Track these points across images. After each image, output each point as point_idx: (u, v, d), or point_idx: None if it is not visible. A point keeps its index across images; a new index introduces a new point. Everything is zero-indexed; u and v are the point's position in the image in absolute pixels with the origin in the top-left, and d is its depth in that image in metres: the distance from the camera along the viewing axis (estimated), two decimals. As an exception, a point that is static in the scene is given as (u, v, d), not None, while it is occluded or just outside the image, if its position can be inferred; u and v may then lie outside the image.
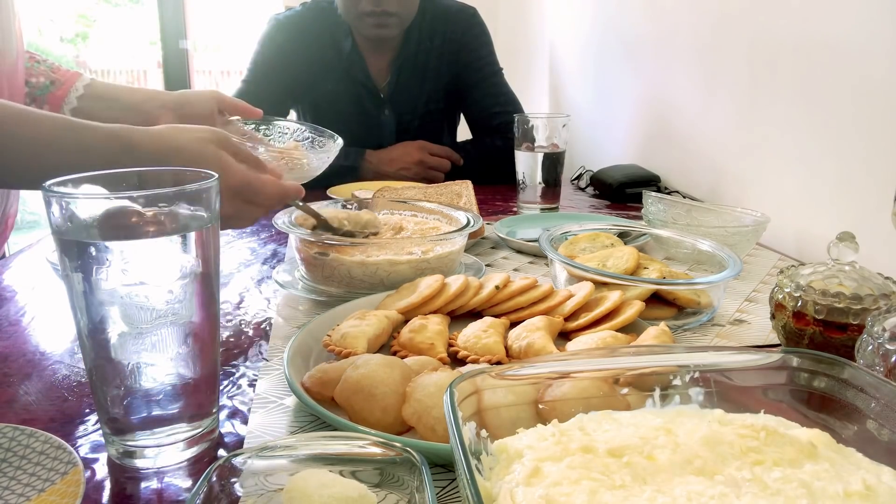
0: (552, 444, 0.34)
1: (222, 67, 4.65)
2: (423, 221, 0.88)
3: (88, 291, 0.41)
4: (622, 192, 1.33)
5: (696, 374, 0.41)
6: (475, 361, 0.56)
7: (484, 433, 0.36)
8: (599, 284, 0.68)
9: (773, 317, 0.60)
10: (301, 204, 0.77)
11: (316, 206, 0.87)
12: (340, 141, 1.05)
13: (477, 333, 0.59)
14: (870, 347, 0.45)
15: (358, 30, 1.47)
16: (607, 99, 1.76)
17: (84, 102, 0.97)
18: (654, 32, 1.48)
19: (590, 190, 1.45)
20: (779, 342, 0.61)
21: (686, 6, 1.33)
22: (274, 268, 0.85)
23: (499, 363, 0.56)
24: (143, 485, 0.43)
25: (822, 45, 0.93)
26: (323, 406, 0.47)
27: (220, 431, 0.49)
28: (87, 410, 0.53)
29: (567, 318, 0.64)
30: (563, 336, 0.63)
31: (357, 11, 1.41)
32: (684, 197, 1.25)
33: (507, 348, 0.59)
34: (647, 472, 0.33)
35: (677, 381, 0.41)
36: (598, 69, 1.83)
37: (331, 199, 1.05)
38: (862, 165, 0.87)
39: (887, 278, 0.56)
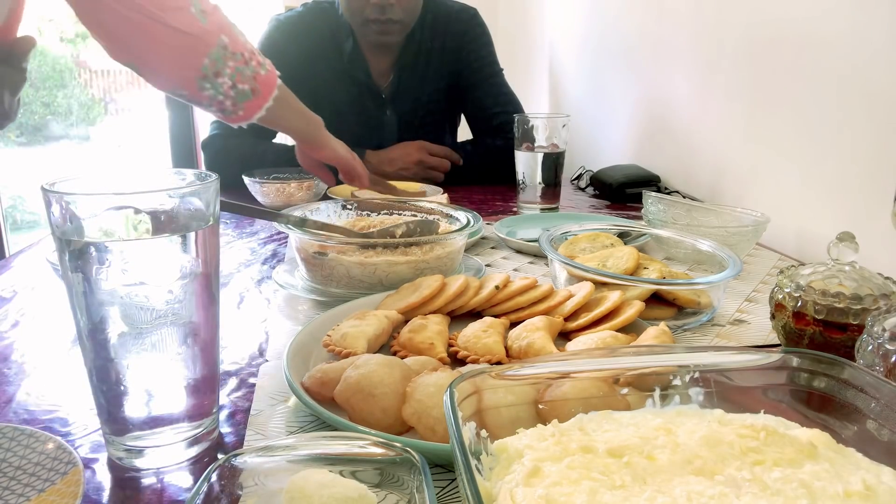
0: (552, 444, 0.34)
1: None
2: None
3: (88, 291, 0.41)
4: (622, 192, 1.33)
5: (696, 374, 0.41)
6: (475, 361, 0.56)
7: (484, 433, 0.36)
8: (599, 284, 0.68)
9: (773, 317, 0.60)
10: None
11: (315, 207, 0.87)
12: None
13: (477, 333, 0.59)
14: (870, 347, 0.45)
15: (362, 35, 1.47)
16: (607, 99, 1.76)
17: (269, 113, 0.99)
18: (653, 32, 1.48)
19: (590, 190, 1.45)
20: (779, 342, 0.61)
21: (685, 6, 1.33)
22: (274, 268, 0.85)
23: (499, 363, 0.56)
24: (143, 485, 0.43)
25: (821, 45, 0.93)
26: (323, 406, 0.47)
27: (220, 431, 0.49)
28: (87, 410, 0.53)
29: (567, 318, 0.64)
30: (563, 336, 0.63)
31: (362, 18, 1.41)
32: (684, 197, 1.25)
33: (507, 348, 0.59)
34: (647, 472, 0.33)
35: (677, 381, 0.41)
36: (597, 69, 1.83)
37: (330, 198, 1.05)
38: (862, 165, 0.87)
39: (887, 278, 0.56)
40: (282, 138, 1.59)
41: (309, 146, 1.12)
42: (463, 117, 1.70)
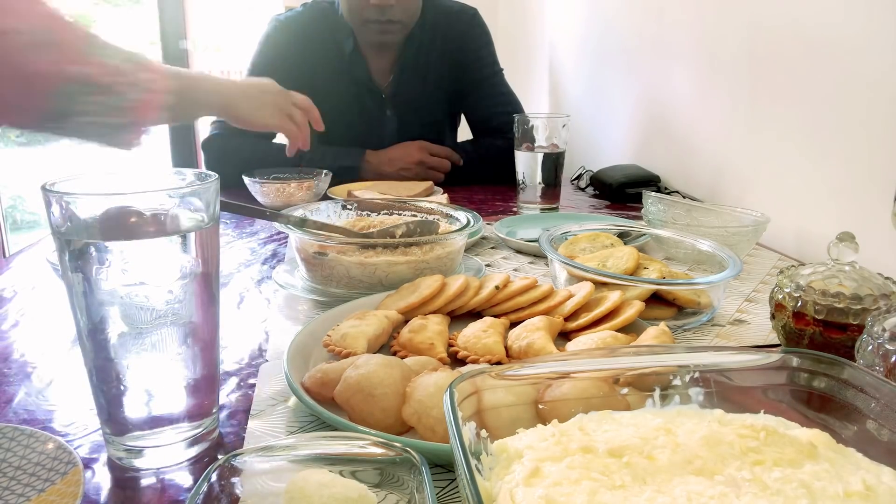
0: (552, 445, 0.34)
1: (222, 68, 4.64)
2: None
3: (88, 291, 0.41)
4: (622, 192, 1.33)
5: (696, 374, 0.41)
6: (475, 361, 0.56)
7: (484, 433, 0.36)
8: (599, 284, 0.68)
9: (773, 317, 0.60)
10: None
11: (314, 208, 0.87)
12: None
13: (477, 333, 0.59)
14: (870, 347, 0.45)
15: (362, 36, 1.47)
16: (607, 99, 1.76)
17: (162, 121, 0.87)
18: (653, 32, 1.48)
19: (590, 190, 1.45)
20: (779, 342, 0.61)
21: (686, 6, 1.33)
22: (274, 268, 0.85)
23: (499, 363, 0.56)
24: (143, 485, 0.44)
25: (821, 45, 0.93)
26: (323, 406, 0.47)
27: (220, 431, 0.49)
28: (87, 410, 0.53)
29: (567, 318, 0.64)
30: (563, 336, 0.63)
31: (362, 18, 1.41)
32: (684, 197, 1.25)
33: (507, 348, 0.59)
34: (647, 472, 0.33)
35: (677, 381, 0.41)
36: (597, 69, 1.83)
37: (330, 198, 1.05)
38: (862, 165, 0.87)
39: (887, 278, 0.56)
40: (283, 139, 1.59)
41: (239, 124, 1.05)
42: (463, 117, 1.70)
